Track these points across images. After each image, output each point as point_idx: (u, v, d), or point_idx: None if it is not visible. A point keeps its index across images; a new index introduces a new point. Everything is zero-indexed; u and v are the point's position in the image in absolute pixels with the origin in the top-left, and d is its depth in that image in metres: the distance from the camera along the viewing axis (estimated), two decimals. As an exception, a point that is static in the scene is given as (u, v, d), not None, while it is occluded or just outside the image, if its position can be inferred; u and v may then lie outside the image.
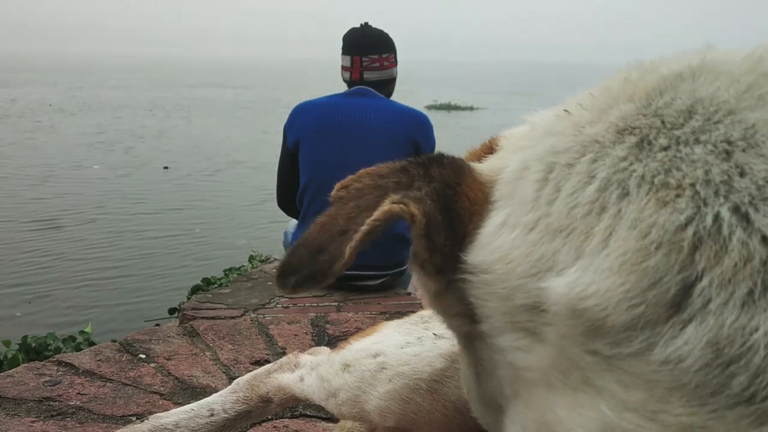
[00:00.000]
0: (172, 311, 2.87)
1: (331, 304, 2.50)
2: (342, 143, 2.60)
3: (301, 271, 0.49)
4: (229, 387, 1.13)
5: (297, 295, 0.56)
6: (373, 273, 2.63)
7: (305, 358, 1.12)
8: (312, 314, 2.31)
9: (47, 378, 1.74)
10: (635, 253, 0.36)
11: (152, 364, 1.87)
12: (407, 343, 0.89)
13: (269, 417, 1.55)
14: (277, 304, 2.49)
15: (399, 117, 2.64)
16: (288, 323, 2.17)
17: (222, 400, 1.10)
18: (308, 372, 1.05)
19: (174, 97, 27.65)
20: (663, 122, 0.42)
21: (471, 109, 25.29)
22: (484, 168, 0.54)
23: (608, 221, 0.39)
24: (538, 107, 0.62)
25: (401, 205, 0.48)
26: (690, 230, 0.36)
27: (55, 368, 1.81)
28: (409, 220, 0.49)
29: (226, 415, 1.08)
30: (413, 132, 2.62)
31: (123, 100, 24.89)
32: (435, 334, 0.88)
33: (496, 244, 0.46)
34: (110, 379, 1.78)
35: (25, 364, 1.83)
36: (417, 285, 0.58)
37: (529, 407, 0.45)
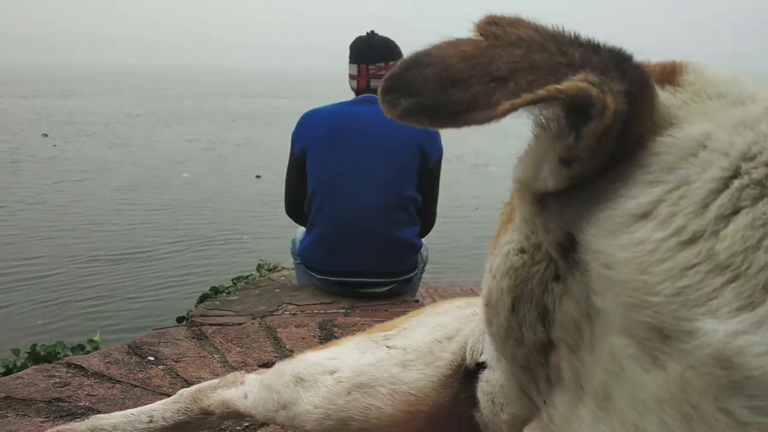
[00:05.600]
0: (180, 320, 2.87)
1: (339, 310, 2.50)
2: (349, 151, 2.62)
3: (422, 96, 0.39)
4: (173, 397, 1.15)
5: (403, 120, 0.45)
6: (380, 280, 2.64)
7: (251, 376, 1.14)
8: (320, 319, 2.31)
9: (57, 379, 1.75)
10: None
11: (161, 366, 1.87)
12: (362, 355, 0.91)
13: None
14: (285, 311, 2.49)
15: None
16: (296, 326, 2.17)
17: (163, 408, 1.12)
18: (253, 389, 1.06)
19: (242, 107, 28.15)
20: None
21: None
22: (660, 99, 0.45)
23: None
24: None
25: (598, 90, 0.38)
26: None
27: (65, 370, 1.81)
28: (597, 111, 0.39)
29: (165, 423, 1.09)
30: (420, 139, 2.64)
31: (191, 110, 25.46)
32: (388, 347, 0.89)
33: (633, 238, 0.39)
34: (119, 381, 1.78)
35: (35, 366, 1.84)
36: (519, 177, 0.48)
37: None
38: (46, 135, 15.98)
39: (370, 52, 2.74)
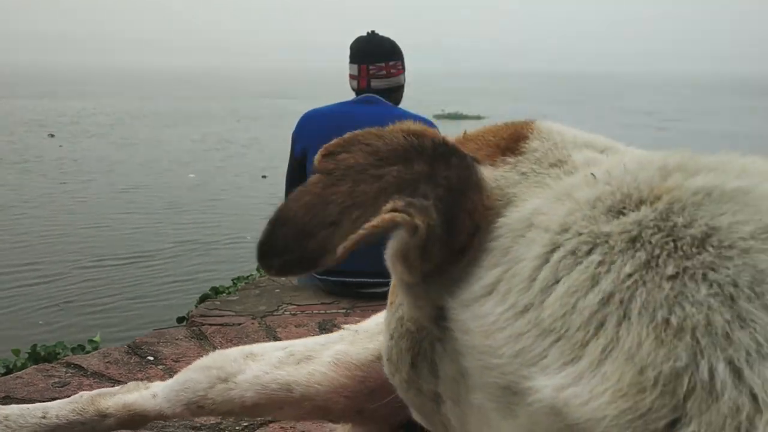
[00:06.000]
0: (180, 320, 2.87)
1: (339, 310, 2.50)
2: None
3: (287, 254, 0.46)
4: (71, 397, 1.14)
5: (282, 278, 0.58)
6: (381, 280, 2.63)
7: (156, 381, 1.15)
8: (319, 319, 2.31)
9: (56, 379, 1.75)
10: (631, 387, 0.37)
11: (160, 366, 1.87)
12: (316, 338, 0.99)
13: (273, 419, 1.55)
14: (285, 311, 2.49)
15: (405, 124, 2.66)
16: (295, 326, 2.17)
17: (59, 406, 1.12)
18: (165, 386, 1.07)
19: (247, 107, 28.21)
20: (676, 246, 0.41)
21: (478, 118, 25.46)
22: (495, 182, 0.52)
23: (605, 342, 0.39)
24: (541, 115, 0.62)
25: (404, 215, 0.45)
26: (685, 379, 0.37)
27: (64, 370, 1.81)
28: (410, 231, 0.46)
29: (58, 422, 1.09)
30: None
31: (197, 110, 25.50)
32: (343, 328, 0.98)
33: (482, 311, 0.46)
34: (118, 381, 1.78)
35: (35, 366, 1.84)
36: (389, 264, 0.56)
37: None
38: (52, 135, 16.01)
39: (371, 52, 2.74)
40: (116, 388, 1.15)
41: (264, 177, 10.82)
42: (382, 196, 0.46)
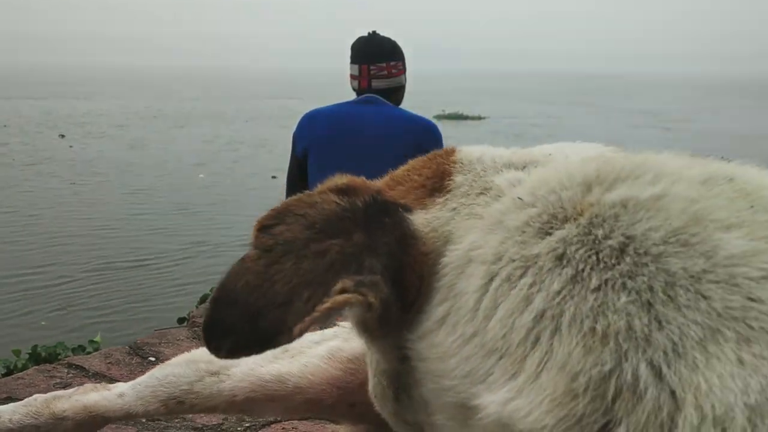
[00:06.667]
0: (181, 321, 2.87)
1: (341, 311, 2.50)
2: (350, 151, 2.62)
3: (238, 334, 0.46)
4: (26, 400, 1.12)
5: (232, 358, 0.58)
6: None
7: (119, 383, 1.13)
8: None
9: (58, 380, 1.75)
10: (564, 395, 0.40)
11: (161, 367, 1.87)
12: (311, 334, 0.98)
13: (275, 420, 1.54)
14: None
15: (406, 124, 2.66)
16: (297, 328, 2.17)
17: (12, 410, 1.09)
18: (133, 386, 1.05)
19: (255, 108, 28.42)
20: (598, 259, 0.44)
21: (479, 118, 25.44)
22: (428, 225, 0.54)
23: (540, 355, 0.43)
24: (545, 116, 0.62)
25: (357, 296, 0.47)
26: (612, 382, 0.39)
27: (66, 371, 1.82)
28: (365, 308, 0.48)
29: (11, 426, 1.07)
30: (421, 140, 2.63)
31: (205, 111, 25.62)
32: (339, 324, 0.97)
33: (434, 341, 0.50)
34: (120, 381, 1.78)
35: (36, 367, 1.85)
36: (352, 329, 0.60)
37: None
38: (63, 136, 16.09)
39: (372, 52, 2.74)
40: (71, 390, 1.12)
41: (274, 178, 10.86)
42: (330, 274, 0.47)
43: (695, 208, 0.44)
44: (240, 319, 0.46)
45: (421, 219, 0.55)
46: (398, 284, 0.51)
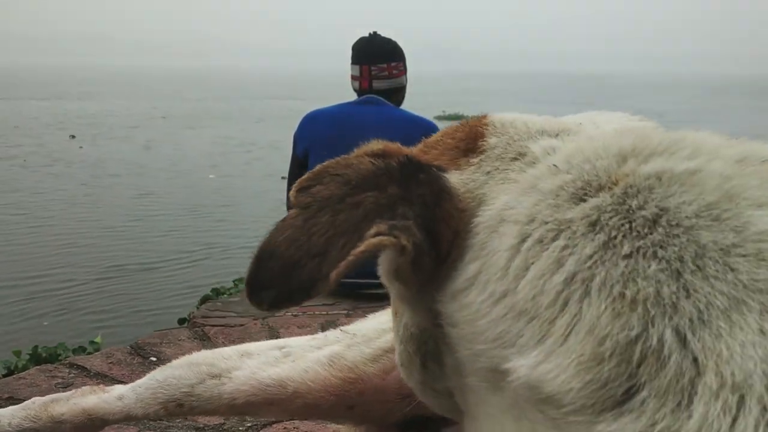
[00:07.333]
0: (181, 321, 2.88)
1: (341, 311, 2.51)
2: (351, 151, 2.62)
3: (276, 287, 0.48)
4: (24, 403, 1.13)
5: (275, 312, 0.59)
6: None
7: (117, 385, 1.12)
8: (322, 320, 2.31)
9: (59, 380, 1.76)
10: (591, 359, 0.41)
11: (162, 367, 1.88)
12: (313, 339, 1.00)
13: (277, 419, 1.55)
14: (287, 312, 2.50)
15: (407, 125, 2.67)
16: (298, 327, 2.17)
17: (11, 413, 1.10)
18: (134, 388, 1.05)
19: (262, 109, 28.33)
20: (631, 227, 0.45)
21: None
22: (464, 186, 0.55)
23: (569, 318, 0.43)
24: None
25: (390, 238, 0.48)
26: (638, 347, 0.40)
27: (67, 371, 1.83)
28: (398, 251, 0.49)
29: (9, 429, 1.08)
30: (421, 139, 2.64)
31: (212, 112, 25.59)
32: (342, 330, 0.98)
33: (465, 302, 0.50)
34: (121, 381, 1.78)
35: (37, 367, 1.86)
36: (385, 282, 0.59)
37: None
38: (73, 136, 16.10)
39: (372, 53, 2.75)
40: (68, 393, 1.13)
41: (283, 178, 10.82)
42: (364, 222, 0.48)
43: (729, 185, 0.45)
44: (280, 272, 0.48)
45: (456, 179, 0.55)
46: (433, 236, 0.51)
